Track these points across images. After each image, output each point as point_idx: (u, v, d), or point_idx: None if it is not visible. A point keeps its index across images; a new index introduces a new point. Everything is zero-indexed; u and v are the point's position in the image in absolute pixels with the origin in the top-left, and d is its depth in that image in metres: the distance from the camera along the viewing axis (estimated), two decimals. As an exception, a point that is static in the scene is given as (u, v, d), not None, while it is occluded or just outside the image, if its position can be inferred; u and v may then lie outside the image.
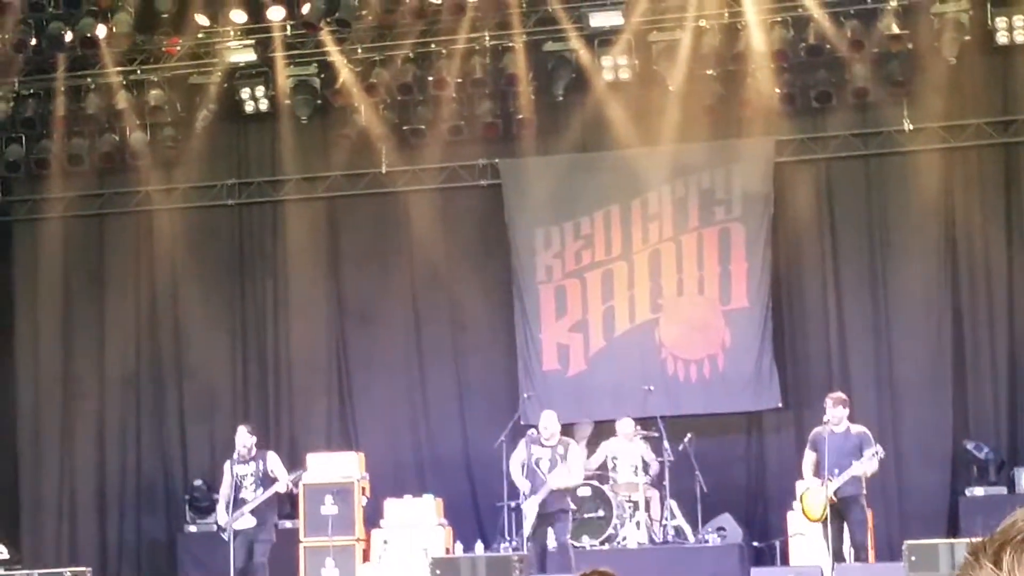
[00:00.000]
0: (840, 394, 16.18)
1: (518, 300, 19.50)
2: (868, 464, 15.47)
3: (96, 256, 20.65)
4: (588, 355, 19.36)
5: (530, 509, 16.15)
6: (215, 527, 16.97)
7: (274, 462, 16.76)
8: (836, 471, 15.34)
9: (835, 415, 15.58)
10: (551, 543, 16.00)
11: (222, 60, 19.52)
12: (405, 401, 19.65)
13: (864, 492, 15.71)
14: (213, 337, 20.35)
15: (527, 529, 16.17)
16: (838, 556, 15.44)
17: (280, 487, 16.60)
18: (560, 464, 16.16)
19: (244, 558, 16.54)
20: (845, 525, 15.60)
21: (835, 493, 15.35)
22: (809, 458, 15.75)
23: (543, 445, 16.33)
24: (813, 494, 15.56)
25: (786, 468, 17.35)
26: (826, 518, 15.42)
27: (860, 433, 15.77)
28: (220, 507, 16.93)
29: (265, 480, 16.63)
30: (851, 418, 16.04)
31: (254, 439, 16.91)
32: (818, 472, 15.55)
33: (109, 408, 20.39)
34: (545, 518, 16.11)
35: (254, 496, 16.55)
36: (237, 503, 16.58)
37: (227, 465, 16.93)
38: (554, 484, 16.11)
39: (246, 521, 16.46)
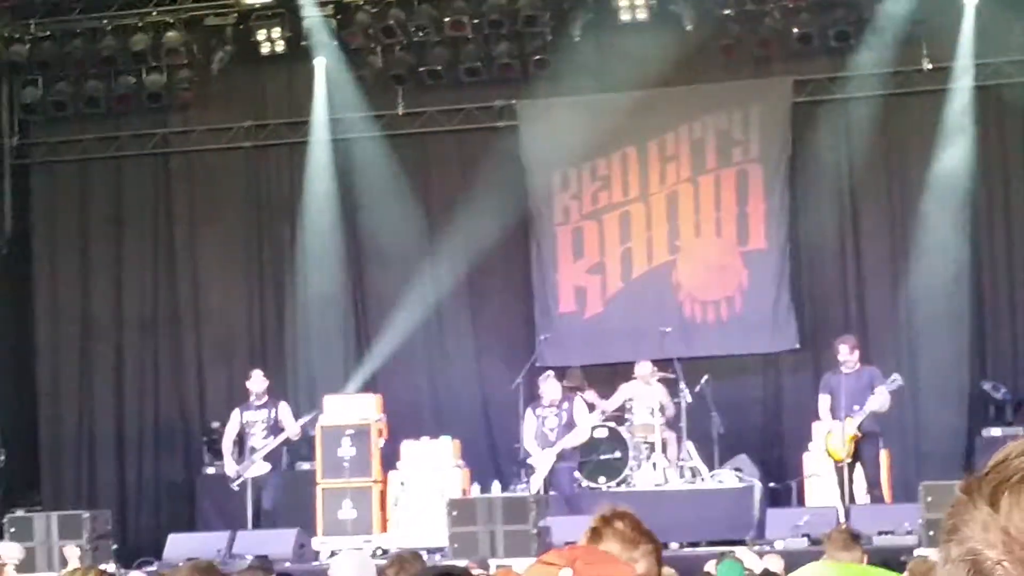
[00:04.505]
0: (852, 337, 16.37)
1: (535, 242, 19.46)
2: (883, 397, 15.70)
3: (113, 199, 20.64)
4: (605, 297, 19.32)
5: (541, 465, 16.43)
6: (228, 477, 17.03)
7: (285, 412, 16.90)
8: (856, 407, 15.56)
9: (851, 359, 15.82)
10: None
11: (239, 1, 19.44)
12: (422, 343, 19.64)
13: (879, 430, 15.96)
14: (230, 280, 20.38)
15: (536, 484, 16.42)
16: (850, 497, 15.55)
17: (291, 434, 16.75)
18: (565, 419, 16.62)
19: (253, 504, 16.69)
20: (858, 464, 15.79)
21: (858, 428, 15.56)
22: (825, 402, 15.96)
23: (546, 406, 16.79)
24: (835, 435, 15.73)
25: (803, 409, 17.34)
26: (847, 459, 15.60)
27: (871, 370, 16.10)
28: (227, 457, 17.04)
29: (275, 429, 16.78)
30: (868, 358, 16.33)
31: (267, 383, 17.06)
32: (835, 414, 15.79)
33: (127, 351, 20.43)
34: (552, 472, 16.50)
35: (264, 444, 16.65)
36: (246, 451, 16.70)
37: (235, 412, 17.06)
38: (565, 444, 16.48)
39: (259, 468, 16.61)
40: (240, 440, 16.98)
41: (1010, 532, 1.48)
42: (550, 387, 16.78)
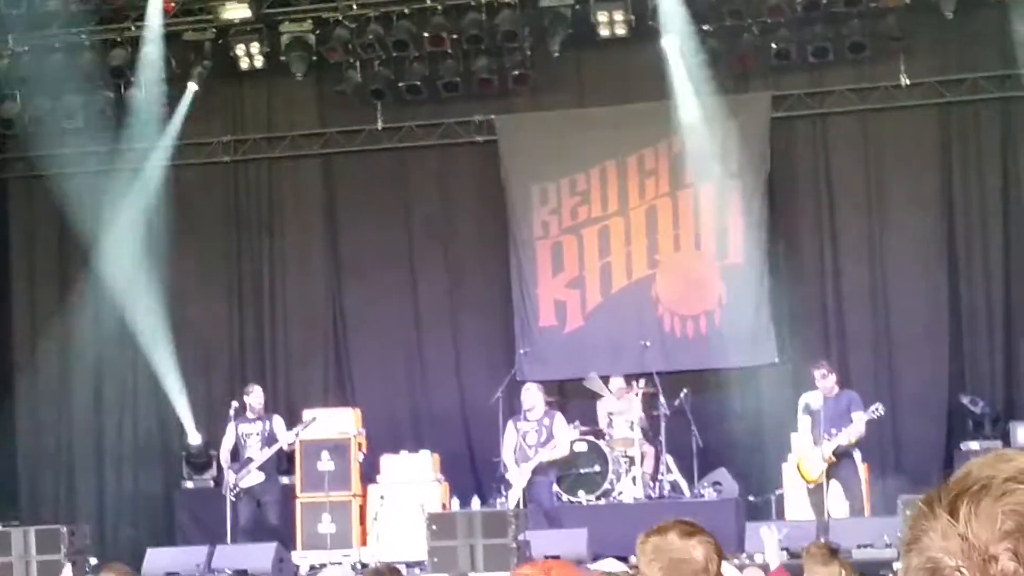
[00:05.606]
0: (825, 362, 16.28)
1: (515, 256, 19.48)
2: (858, 427, 15.63)
3: (92, 214, 20.58)
4: (585, 311, 19.35)
5: (518, 480, 16.32)
6: (226, 489, 16.96)
7: (279, 425, 17.01)
8: (833, 431, 15.51)
9: (826, 384, 15.75)
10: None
11: (217, 16, 19.44)
12: (401, 357, 19.66)
13: (855, 450, 15.93)
14: (209, 294, 20.35)
15: (513, 500, 16.31)
16: (824, 513, 15.54)
17: (284, 444, 16.84)
18: (545, 435, 16.40)
19: (248, 516, 16.71)
20: (834, 483, 15.76)
21: (833, 453, 15.52)
22: (805, 423, 15.90)
23: (528, 420, 16.55)
24: (809, 457, 15.70)
25: (782, 423, 17.36)
26: (821, 481, 15.56)
27: (850, 394, 16.01)
28: (225, 469, 17.06)
29: (270, 440, 16.88)
30: (847, 373, 16.30)
31: (263, 398, 17.20)
32: (815, 437, 15.72)
33: (106, 366, 20.38)
34: (530, 486, 16.37)
35: (260, 454, 16.78)
36: (243, 462, 16.78)
37: (230, 426, 17.07)
38: (543, 457, 16.31)
39: (254, 477, 16.73)
40: (235, 452, 17.05)
41: (968, 539, 1.50)
42: (531, 396, 16.67)
